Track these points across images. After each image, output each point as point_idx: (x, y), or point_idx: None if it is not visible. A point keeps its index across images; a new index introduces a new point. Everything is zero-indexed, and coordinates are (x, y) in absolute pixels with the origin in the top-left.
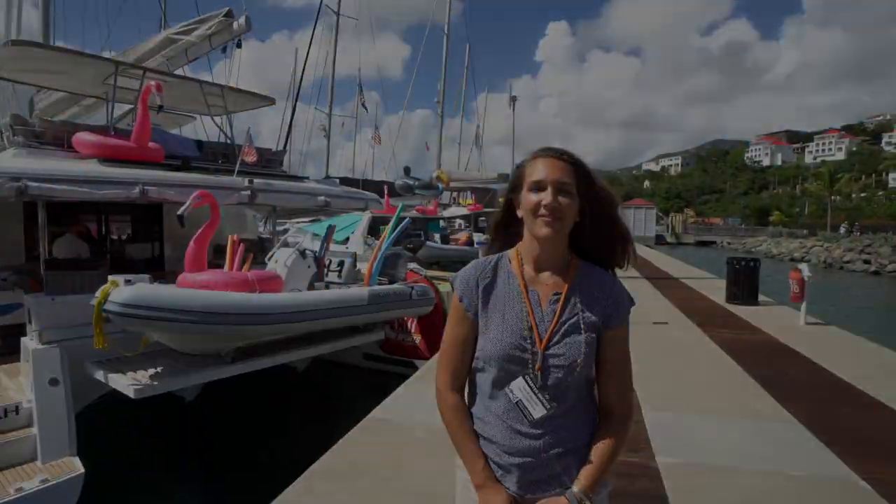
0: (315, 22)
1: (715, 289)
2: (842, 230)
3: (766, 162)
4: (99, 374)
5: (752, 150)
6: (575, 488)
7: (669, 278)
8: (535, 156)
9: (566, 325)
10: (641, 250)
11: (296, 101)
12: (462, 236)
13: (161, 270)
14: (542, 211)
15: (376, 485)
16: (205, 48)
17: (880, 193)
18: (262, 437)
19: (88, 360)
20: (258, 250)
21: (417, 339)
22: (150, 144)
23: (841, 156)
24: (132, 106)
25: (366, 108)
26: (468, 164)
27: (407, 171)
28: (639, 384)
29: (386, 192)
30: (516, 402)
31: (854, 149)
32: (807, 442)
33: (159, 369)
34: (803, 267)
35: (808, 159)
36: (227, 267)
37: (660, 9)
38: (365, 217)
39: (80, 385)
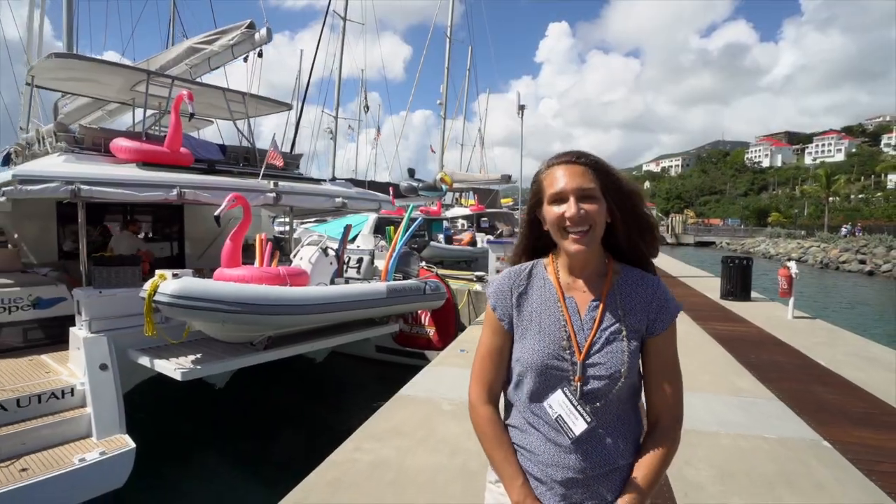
0: (322, 28)
1: (711, 286)
2: (843, 231)
3: (766, 163)
4: (144, 361)
5: (751, 152)
6: None
7: (668, 277)
8: (550, 164)
9: (607, 333)
10: None
11: (303, 104)
12: (465, 236)
13: (181, 268)
14: (567, 223)
15: (413, 443)
16: (227, 57)
17: (879, 195)
18: (286, 419)
19: (132, 348)
20: (275, 248)
21: (431, 331)
22: (181, 149)
23: (840, 157)
24: (156, 111)
25: (367, 108)
26: (470, 165)
27: (411, 172)
28: None
29: (391, 193)
30: (556, 419)
31: (854, 150)
32: (782, 413)
33: (199, 355)
34: (791, 264)
35: (808, 160)
36: (257, 263)
37: (658, 10)
38: (371, 217)
39: (123, 370)
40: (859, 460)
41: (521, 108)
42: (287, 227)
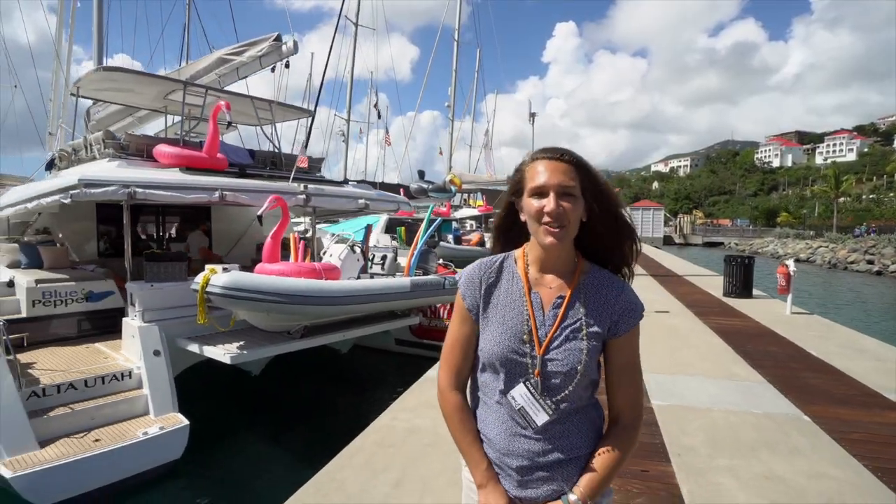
0: (334, 34)
1: (714, 284)
2: (857, 232)
3: (776, 163)
4: (193, 347)
5: (761, 151)
6: (572, 495)
7: (673, 275)
8: (535, 157)
9: (567, 331)
10: (649, 251)
11: (315, 107)
12: (474, 237)
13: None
14: (546, 218)
15: None
16: (255, 67)
17: (892, 195)
18: (316, 404)
19: (179, 336)
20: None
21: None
22: (218, 155)
23: (852, 157)
24: (186, 118)
25: (379, 114)
26: (478, 166)
27: (421, 174)
28: (641, 356)
29: (402, 194)
30: (518, 410)
31: (865, 150)
32: (769, 393)
33: (242, 342)
34: (790, 263)
35: (819, 160)
36: (292, 258)
37: (665, 10)
38: (382, 218)
39: (171, 357)
40: (833, 431)
41: (532, 115)
42: (304, 227)
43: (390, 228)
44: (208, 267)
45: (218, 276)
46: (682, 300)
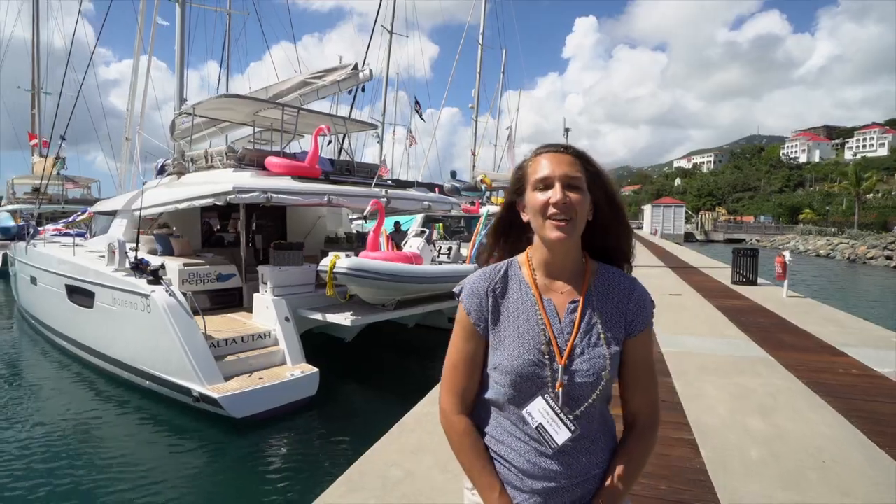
0: (368, 44)
1: (724, 274)
2: None
3: (802, 158)
4: (317, 316)
5: (788, 147)
6: None
7: (689, 267)
8: (537, 153)
9: (587, 337)
10: (669, 247)
11: (350, 110)
12: None
13: None
14: (552, 210)
15: None
16: (333, 90)
17: None
18: (393, 365)
19: (299, 308)
20: (357, 240)
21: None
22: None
23: (883, 152)
24: (282, 133)
25: (421, 116)
26: (501, 163)
27: (453, 174)
28: (656, 324)
29: (437, 192)
30: (536, 427)
31: None
32: (749, 345)
33: (352, 311)
34: (786, 253)
35: (848, 155)
36: (384, 248)
37: (684, 3)
38: (420, 215)
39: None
40: (789, 365)
41: (567, 130)
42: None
43: (425, 224)
44: (332, 254)
45: (342, 260)
46: (693, 286)
